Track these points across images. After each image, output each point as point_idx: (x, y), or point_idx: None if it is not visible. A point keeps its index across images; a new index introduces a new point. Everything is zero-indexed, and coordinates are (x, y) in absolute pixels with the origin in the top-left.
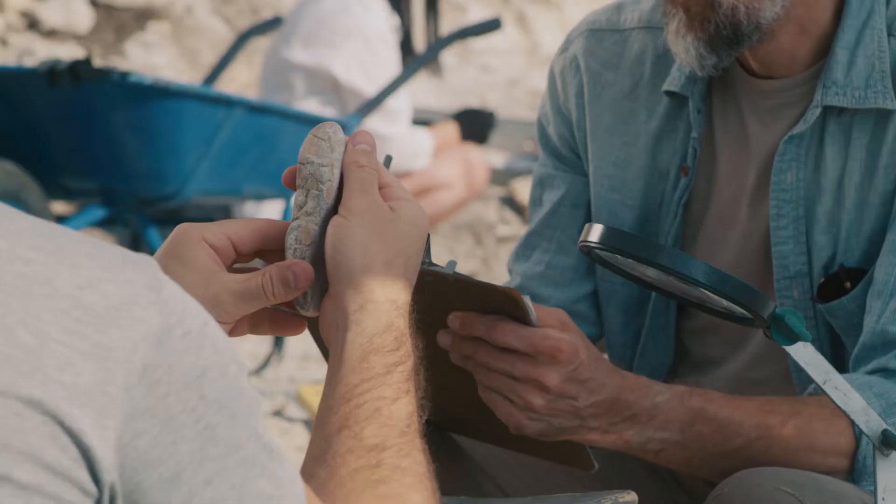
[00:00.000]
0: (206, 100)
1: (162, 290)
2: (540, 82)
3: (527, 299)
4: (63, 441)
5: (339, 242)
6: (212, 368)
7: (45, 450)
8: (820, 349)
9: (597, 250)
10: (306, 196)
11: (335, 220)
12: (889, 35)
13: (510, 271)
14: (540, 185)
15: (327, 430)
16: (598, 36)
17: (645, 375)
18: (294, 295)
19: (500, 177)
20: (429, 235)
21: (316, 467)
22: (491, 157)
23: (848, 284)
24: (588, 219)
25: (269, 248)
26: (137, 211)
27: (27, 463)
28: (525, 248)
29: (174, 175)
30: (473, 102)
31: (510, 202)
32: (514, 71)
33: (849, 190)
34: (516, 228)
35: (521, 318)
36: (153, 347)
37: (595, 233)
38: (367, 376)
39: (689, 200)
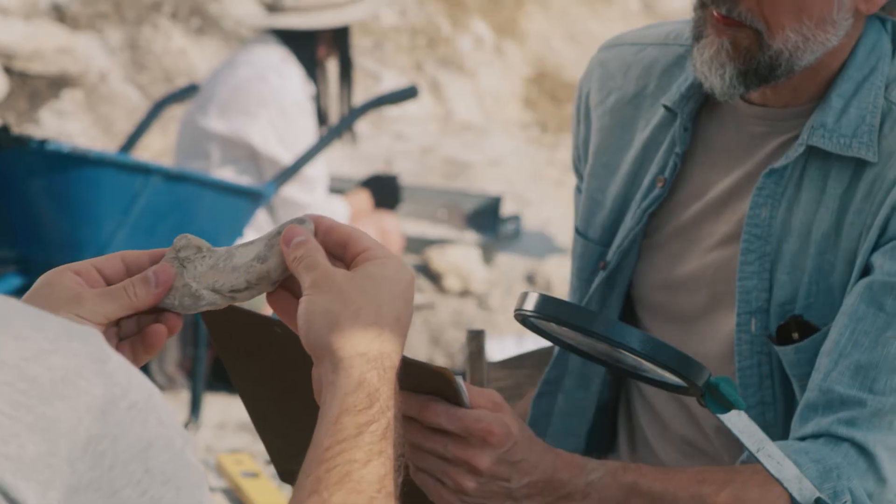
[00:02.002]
0: (123, 168)
1: (107, 362)
2: (453, 150)
3: (459, 380)
4: None
5: (305, 315)
6: (157, 441)
7: None
8: (770, 386)
9: (532, 318)
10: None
11: (300, 301)
12: (885, 96)
13: None
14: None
15: (299, 496)
16: (619, 47)
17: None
18: (154, 294)
19: (415, 245)
20: None
21: None
22: (405, 225)
23: (796, 335)
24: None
25: (136, 271)
26: None
27: None
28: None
29: (92, 243)
30: (383, 168)
31: (424, 270)
32: (427, 139)
33: (815, 235)
34: (431, 297)
35: (454, 398)
36: (98, 419)
37: (530, 301)
38: (339, 438)
39: (657, 211)
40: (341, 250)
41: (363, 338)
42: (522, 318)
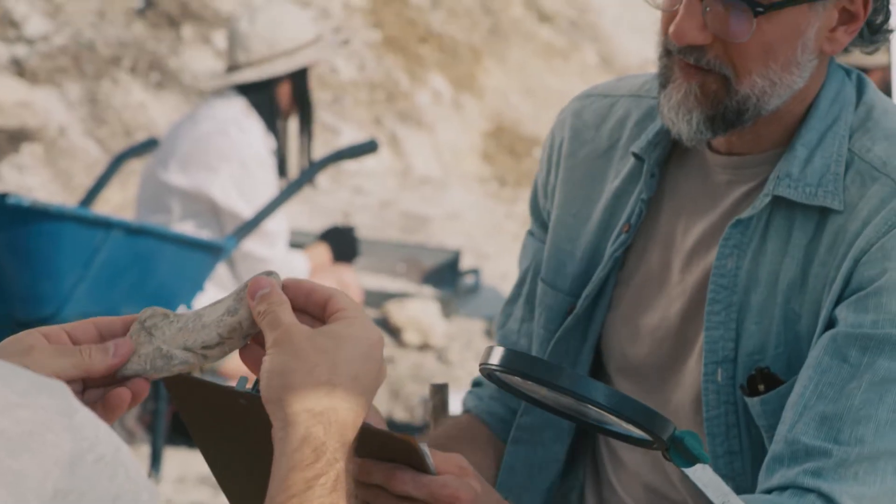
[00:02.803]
0: (84, 222)
1: (74, 416)
2: (412, 204)
3: (424, 447)
4: None
5: (264, 374)
6: (124, 495)
7: None
8: (738, 435)
9: (498, 373)
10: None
11: (262, 360)
12: (849, 146)
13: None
14: (521, 252)
15: None
16: (591, 99)
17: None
18: (109, 364)
19: (374, 299)
20: None
21: None
22: (364, 278)
23: (762, 387)
24: None
25: (108, 337)
26: (15, 333)
27: None
28: (501, 315)
29: (52, 297)
30: (341, 221)
31: (384, 324)
32: (386, 193)
33: (782, 285)
34: (390, 350)
35: (420, 465)
36: (65, 473)
37: (496, 356)
38: (289, 494)
39: (625, 260)
40: (321, 310)
41: (313, 394)
42: (488, 373)
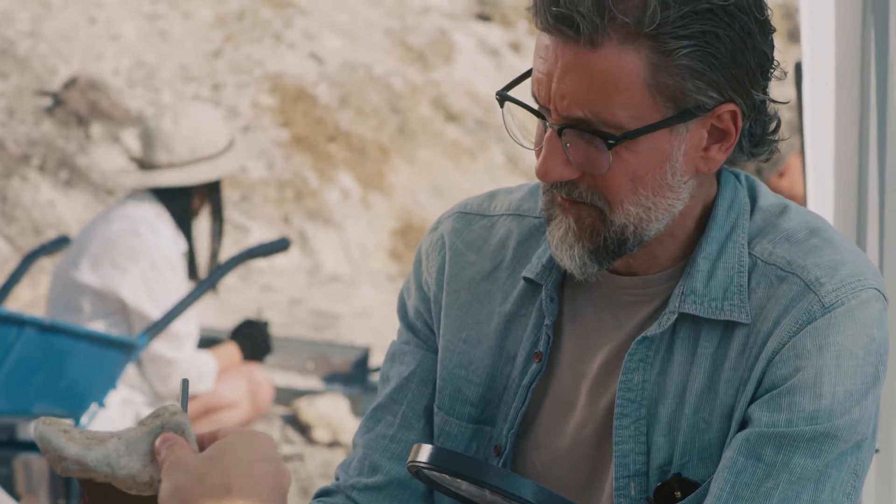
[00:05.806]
0: None
1: None
2: (321, 302)
3: None
4: None
5: (161, 501)
6: None
7: None
8: None
9: (425, 470)
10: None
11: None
12: (749, 251)
13: (354, 444)
14: (391, 360)
15: None
16: (468, 218)
17: None
18: None
19: (284, 396)
20: None
21: None
22: (274, 376)
23: (678, 494)
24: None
25: None
26: None
27: None
28: (370, 421)
29: None
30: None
31: (293, 421)
32: (295, 290)
33: (690, 396)
34: (300, 448)
35: None
36: None
37: (424, 453)
38: None
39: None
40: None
41: (209, 499)
42: (416, 471)
